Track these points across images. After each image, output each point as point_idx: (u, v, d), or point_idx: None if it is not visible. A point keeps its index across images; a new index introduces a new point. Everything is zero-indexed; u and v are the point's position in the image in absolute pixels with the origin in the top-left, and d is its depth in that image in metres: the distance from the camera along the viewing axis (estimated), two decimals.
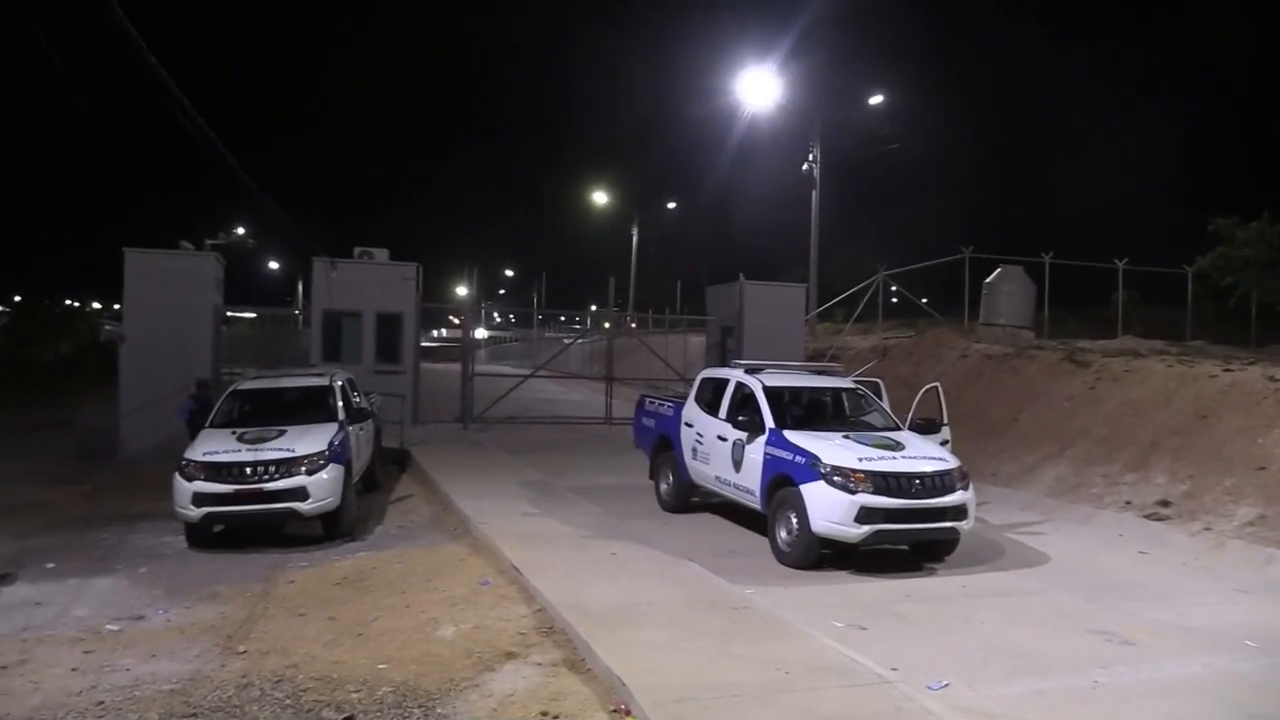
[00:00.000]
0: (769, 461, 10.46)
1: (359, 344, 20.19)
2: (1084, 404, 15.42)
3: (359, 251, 21.10)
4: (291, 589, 9.48)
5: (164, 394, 16.77)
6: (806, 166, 29.07)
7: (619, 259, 48.60)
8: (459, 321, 35.81)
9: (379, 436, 15.53)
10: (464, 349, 23.61)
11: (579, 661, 7.04)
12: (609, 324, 26.34)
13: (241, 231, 44.43)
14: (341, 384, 13.53)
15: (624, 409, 19.54)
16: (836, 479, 9.58)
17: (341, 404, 12.86)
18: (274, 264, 61.51)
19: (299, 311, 23.16)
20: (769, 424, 10.74)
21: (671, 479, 12.85)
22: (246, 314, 26.29)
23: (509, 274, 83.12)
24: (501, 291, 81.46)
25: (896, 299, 28.26)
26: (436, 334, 68.90)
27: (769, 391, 11.22)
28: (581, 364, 34.69)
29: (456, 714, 6.30)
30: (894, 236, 37.54)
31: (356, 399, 14.08)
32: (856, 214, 43.96)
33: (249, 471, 11.04)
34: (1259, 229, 25.73)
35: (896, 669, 6.73)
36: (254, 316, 26.65)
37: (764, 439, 10.65)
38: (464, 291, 32.59)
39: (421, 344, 22.60)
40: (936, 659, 7.14)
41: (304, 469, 11.14)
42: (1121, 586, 9.55)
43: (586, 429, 21.71)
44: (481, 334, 58.30)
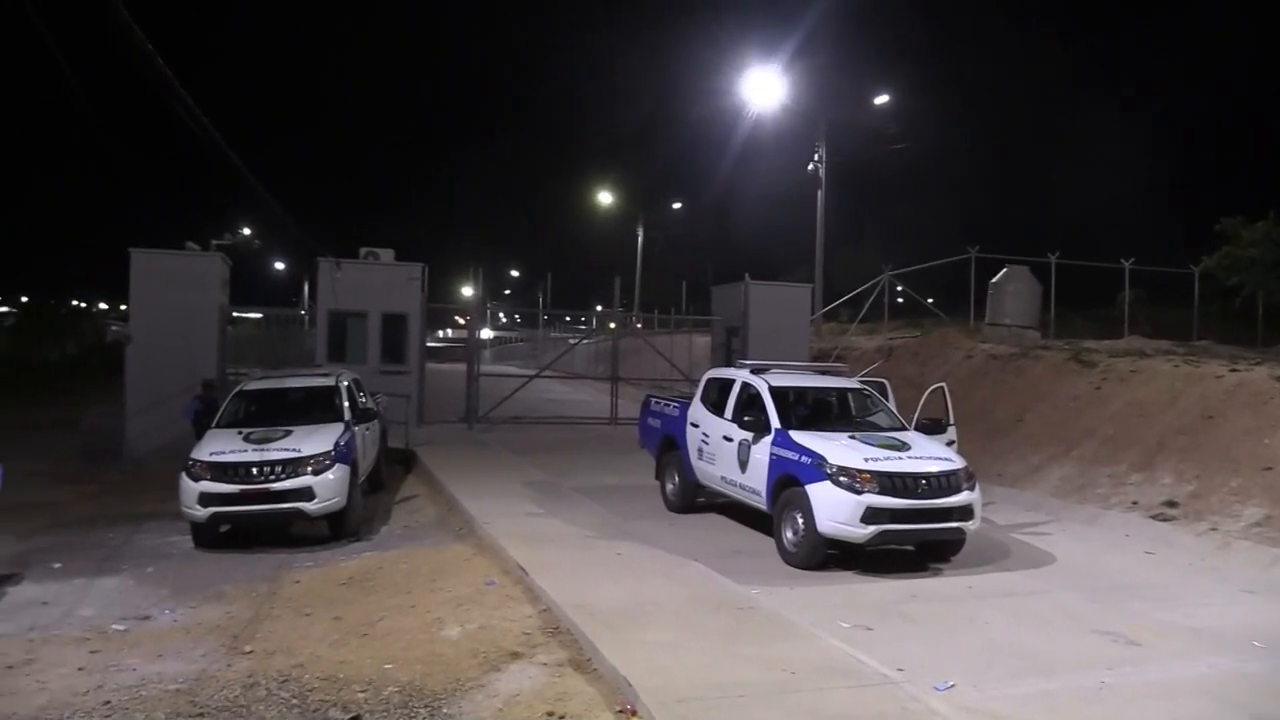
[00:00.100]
0: (775, 462, 10.45)
1: (364, 344, 20.22)
2: (1090, 404, 15.39)
3: (364, 252, 21.12)
4: (297, 589, 9.50)
5: (170, 394, 16.80)
6: (812, 166, 29.03)
7: (624, 259, 48.66)
8: (464, 322, 35.81)
9: (384, 437, 15.55)
10: (469, 349, 23.62)
11: (584, 662, 7.04)
12: (614, 324, 26.41)
13: (247, 232, 44.49)
14: (347, 384, 13.54)
15: (629, 409, 19.54)
16: (842, 479, 9.56)
17: (347, 404, 12.87)
18: (279, 264, 61.67)
19: (304, 312, 23.23)
20: (774, 424, 10.73)
21: (677, 479, 12.84)
22: (252, 314, 26.37)
23: (514, 274, 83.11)
24: (507, 292, 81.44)
25: (902, 299, 28.23)
26: (442, 334, 68.98)
27: (774, 392, 11.20)
28: (586, 364, 34.73)
29: (462, 714, 6.30)
30: (899, 237, 37.57)
31: (362, 399, 14.10)
32: (862, 214, 43.99)
33: (255, 472, 11.06)
34: (1265, 229, 25.68)
35: (902, 669, 6.72)
36: (260, 317, 26.73)
37: (770, 439, 10.64)
38: (469, 292, 32.63)
39: (427, 344, 22.63)
40: (942, 659, 7.12)
41: (310, 469, 11.15)
42: (1127, 587, 9.53)
43: (591, 429, 21.71)
44: (487, 334, 58.32)
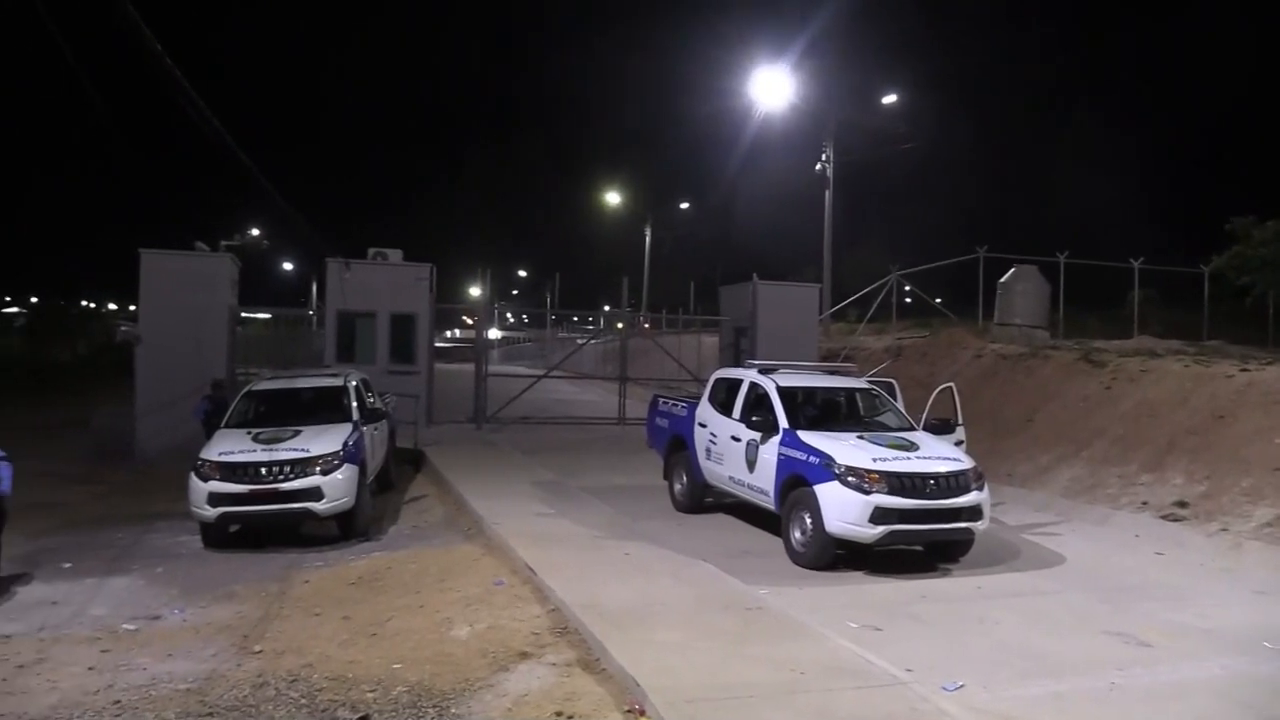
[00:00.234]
0: (783, 462, 10.44)
1: (373, 344, 20.24)
2: (1100, 404, 15.34)
3: (373, 252, 21.15)
4: (307, 589, 9.52)
5: (179, 394, 16.85)
6: (820, 166, 29.00)
7: (632, 259, 48.60)
8: (472, 322, 35.84)
9: (393, 437, 15.57)
10: (478, 349, 23.62)
11: (593, 662, 7.04)
12: (622, 324, 26.33)
13: (256, 232, 44.63)
14: (356, 384, 13.56)
15: (637, 409, 19.52)
16: (851, 479, 9.55)
17: (356, 404, 12.89)
18: (288, 265, 61.74)
19: (313, 312, 23.19)
20: (783, 424, 10.71)
21: (685, 479, 12.83)
22: (261, 315, 26.37)
23: (522, 274, 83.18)
24: (515, 292, 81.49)
25: (910, 299, 28.18)
26: (450, 334, 68.98)
27: (783, 392, 11.19)
28: (595, 364, 34.68)
29: (471, 714, 6.31)
30: (907, 236, 37.46)
31: (371, 399, 14.12)
32: (870, 214, 43.90)
33: (264, 472, 11.09)
34: (1276, 228, 25.50)
35: (911, 670, 6.71)
36: (269, 317, 26.74)
37: (778, 439, 10.63)
38: (477, 292, 32.57)
39: (435, 344, 22.66)
40: (951, 660, 7.11)
41: (319, 469, 11.18)
42: (1138, 587, 9.50)
43: (600, 429, 21.70)
44: (495, 334, 58.37)
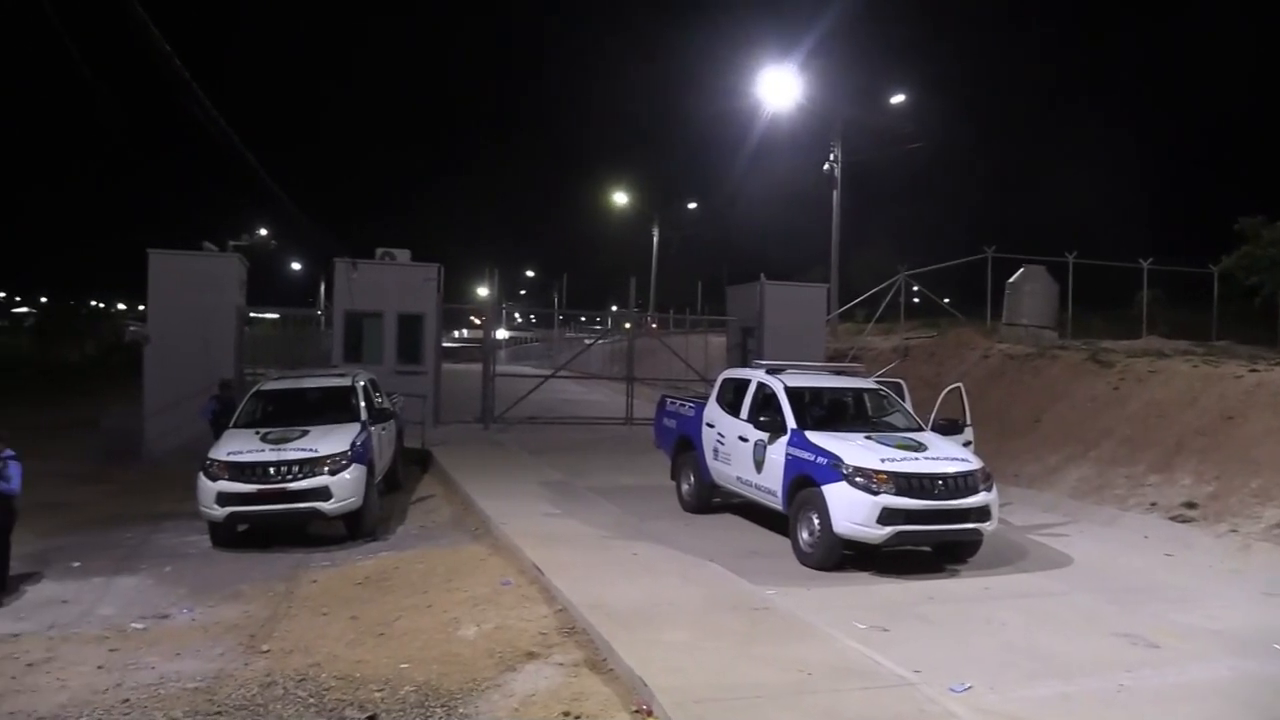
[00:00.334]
0: (790, 462, 10.43)
1: (380, 344, 20.27)
2: (1108, 405, 15.30)
3: (380, 252, 21.18)
4: (314, 588, 9.54)
5: (188, 394, 16.88)
6: (827, 166, 28.96)
7: (640, 259, 48.60)
8: (480, 322, 35.88)
9: (401, 437, 15.59)
10: (485, 349, 23.65)
11: (600, 662, 7.04)
12: (629, 324, 26.40)
13: (264, 233, 44.71)
14: (364, 384, 13.58)
15: (645, 409, 19.53)
16: (859, 480, 9.54)
17: (364, 404, 12.91)
18: (296, 265, 61.98)
19: (321, 312, 23.31)
20: (790, 424, 10.70)
21: (693, 479, 12.83)
22: (269, 315, 26.47)
23: (530, 274, 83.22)
24: (522, 292, 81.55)
25: (918, 299, 28.13)
26: (457, 334, 69.03)
27: (790, 392, 11.18)
28: (602, 364, 34.72)
29: (479, 714, 6.32)
30: (915, 236, 37.44)
31: (379, 399, 14.14)
32: (877, 214, 43.84)
33: (272, 471, 11.11)
34: None
35: (919, 671, 6.70)
36: (276, 317, 26.84)
37: (785, 439, 10.62)
38: (485, 292, 32.69)
39: (443, 344, 22.67)
40: (959, 661, 7.10)
41: (327, 469, 11.19)
42: (1146, 589, 9.48)
43: (607, 429, 21.71)
44: (502, 334, 58.39)
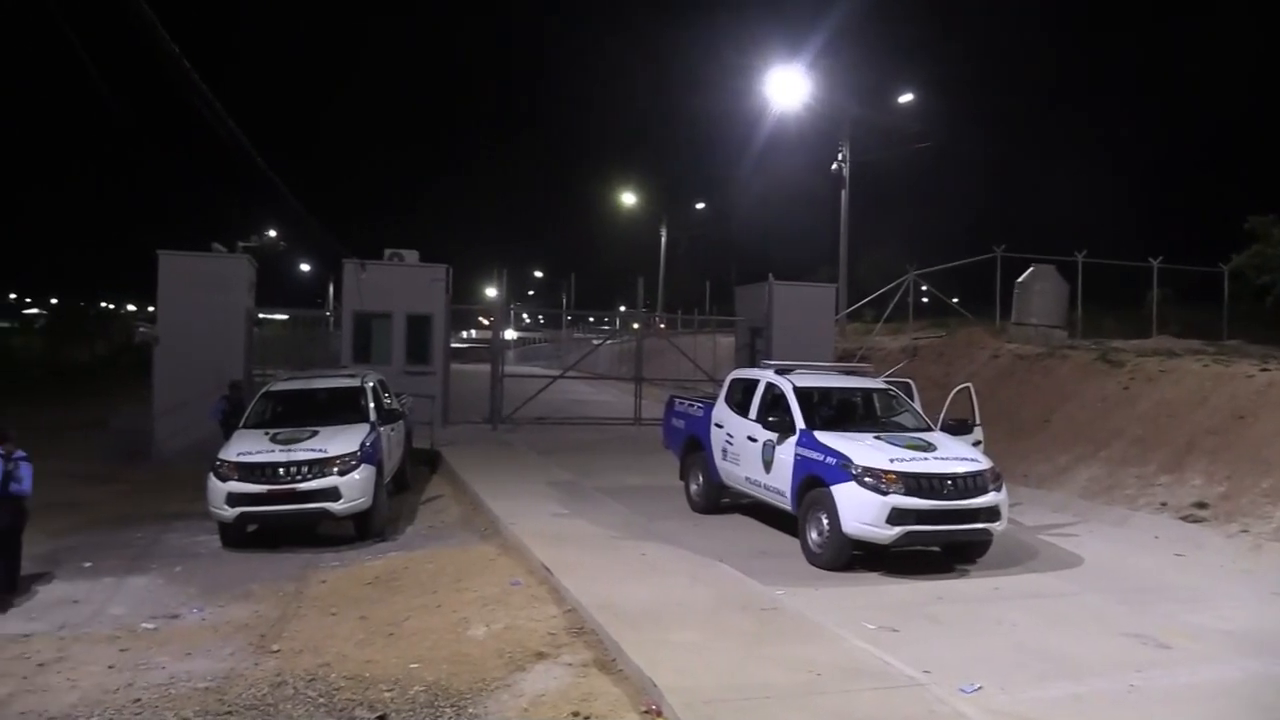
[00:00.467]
0: (799, 462, 10.42)
1: (389, 345, 20.30)
2: (1118, 404, 15.25)
3: (389, 253, 21.21)
4: (324, 588, 9.56)
5: (197, 395, 16.92)
6: (836, 166, 28.93)
7: (648, 259, 48.62)
8: (488, 322, 35.95)
9: (409, 437, 15.61)
10: (493, 350, 23.65)
11: (610, 662, 7.04)
12: (638, 325, 26.36)
13: (273, 234, 44.77)
14: (373, 385, 13.60)
15: (653, 410, 19.52)
16: (868, 480, 9.52)
17: (373, 405, 12.93)
18: (305, 266, 62.00)
19: (330, 313, 23.30)
20: (799, 425, 10.69)
21: (701, 480, 12.82)
22: (278, 315, 26.50)
23: (538, 275, 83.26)
24: (530, 292, 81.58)
25: (927, 299, 28.08)
26: (466, 335, 69.11)
27: (799, 392, 11.17)
28: (610, 365, 34.69)
29: (488, 714, 6.33)
30: (924, 236, 37.29)
31: (387, 400, 14.15)
32: (886, 214, 43.66)
33: (282, 472, 11.14)
34: None
35: (929, 671, 6.68)
36: (285, 318, 26.88)
37: (794, 440, 10.60)
38: (493, 293, 32.66)
39: (451, 345, 22.71)
40: (969, 662, 7.08)
41: (336, 469, 11.22)
42: (1157, 589, 9.44)
43: (615, 430, 21.71)
44: (511, 335, 58.42)
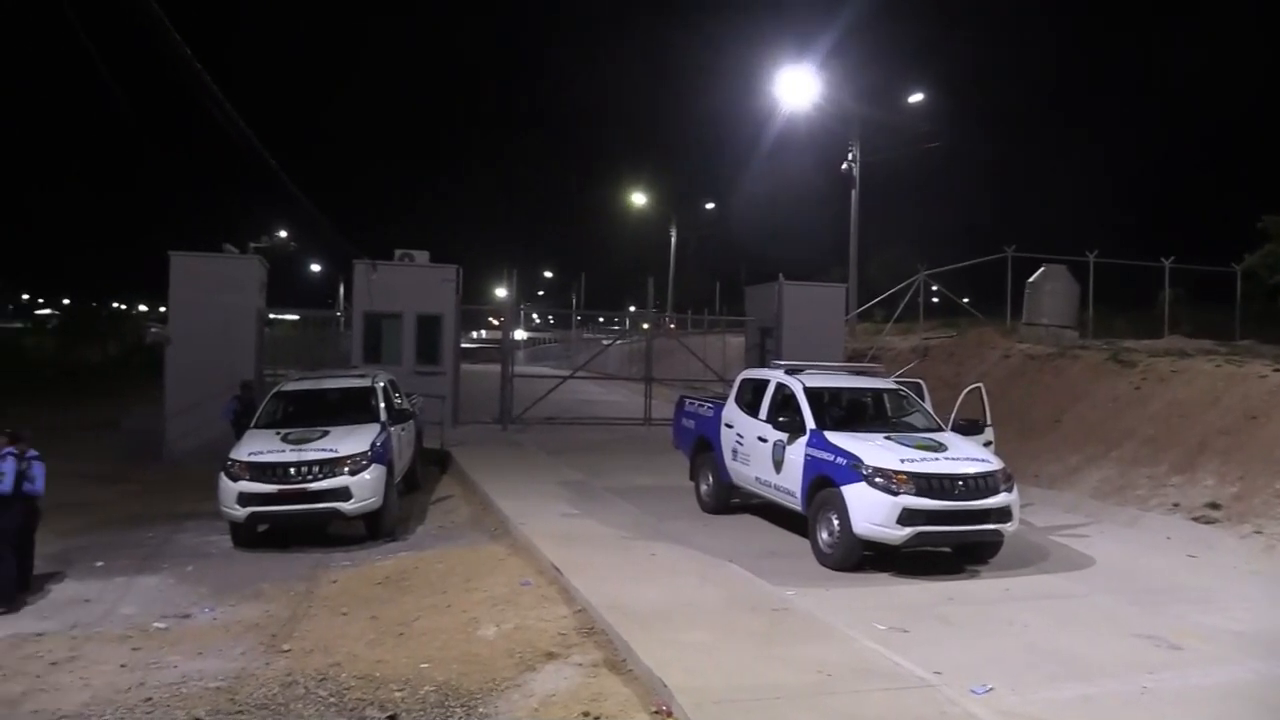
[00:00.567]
0: (810, 463, 10.40)
1: (399, 345, 20.36)
2: (1129, 405, 15.19)
3: (399, 254, 21.27)
4: (334, 588, 9.59)
5: (208, 395, 16.98)
6: (846, 166, 28.89)
7: (658, 259, 48.60)
8: (498, 323, 35.99)
9: (420, 437, 15.64)
10: (503, 350, 23.71)
11: (620, 662, 7.04)
12: (647, 325, 26.40)
13: (283, 234, 44.94)
14: (383, 385, 13.62)
15: (663, 410, 19.53)
16: (878, 480, 9.50)
17: (383, 405, 12.95)
18: (315, 266, 62.30)
19: (340, 313, 23.42)
20: (810, 425, 10.66)
21: (711, 480, 12.81)
22: (289, 316, 26.61)
23: (548, 275, 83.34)
24: (540, 293, 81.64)
25: (937, 299, 28.02)
26: (476, 335, 69.24)
27: (810, 392, 11.14)
28: (620, 365, 34.76)
29: (498, 714, 6.34)
30: (934, 236, 37.27)
31: (398, 400, 14.18)
32: (896, 214, 43.60)
33: (293, 472, 11.16)
34: None
35: (940, 672, 6.67)
36: (296, 319, 26.99)
37: (805, 440, 10.58)
38: (503, 293, 32.76)
39: (461, 345, 22.74)
40: (980, 663, 7.06)
41: (347, 469, 11.24)
42: (1169, 590, 9.40)
43: (625, 430, 21.72)
44: (520, 335, 58.52)
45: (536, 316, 77.17)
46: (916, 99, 29.61)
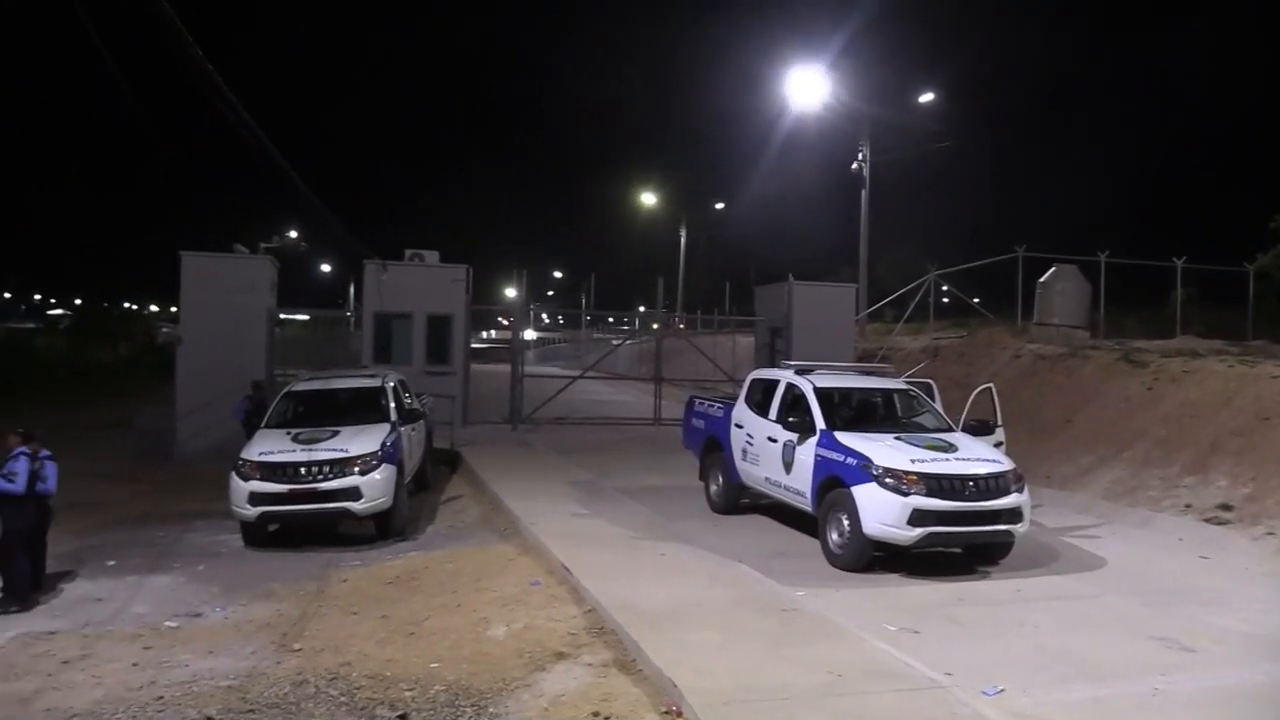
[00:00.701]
0: (820, 463, 10.38)
1: (409, 345, 20.38)
2: (1141, 405, 15.13)
3: (410, 254, 21.30)
4: (345, 588, 9.61)
5: (219, 395, 17.03)
6: (856, 166, 28.85)
7: (667, 260, 48.65)
8: (508, 323, 36.05)
9: (430, 437, 15.66)
10: (513, 350, 23.73)
11: (629, 662, 7.04)
12: (657, 325, 26.36)
13: (294, 234, 45.04)
14: (393, 385, 13.65)
15: (672, 410, 19.52)
16: (888, 481, 9.47)
17: (393, 405, 12.97)
18: (326, 267, 62.44)
19: (350, 313, 23.45)
20: (820, 425, 10.65)
21: (721, 480, 12.80)
22: (299, 316, 26.66)
23: (557, 275, 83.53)
24: (550, 293, 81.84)
25: (947, 299, 27.94)
26: (486, 335, 69.34)
27: (820, 392, 11.12)
28: (630, 365, 34.76)
29: (508, 713, 6.34)
30: (944, 235, 37.14)
31: (408, 400, 14.21)
32: (906, 214, 43.49)
33: (303, 471, 11.19)
34: None
35: (950, 673, 6.66)
36: (307, 319, 27.03)
37: (815, 440, 10.56)
38: (513, 293, 32.86)
39: (471, 345, 22.77)
40: (991, 664, 7.04)
41: (357, 469, 11.26)
42: (1181, 591, 9.35)
43: (635, 430, 21.70)
44: (530, 335, 58.59)
45: (546, 316, 77.30)
46: (927, 99, 29.59)
